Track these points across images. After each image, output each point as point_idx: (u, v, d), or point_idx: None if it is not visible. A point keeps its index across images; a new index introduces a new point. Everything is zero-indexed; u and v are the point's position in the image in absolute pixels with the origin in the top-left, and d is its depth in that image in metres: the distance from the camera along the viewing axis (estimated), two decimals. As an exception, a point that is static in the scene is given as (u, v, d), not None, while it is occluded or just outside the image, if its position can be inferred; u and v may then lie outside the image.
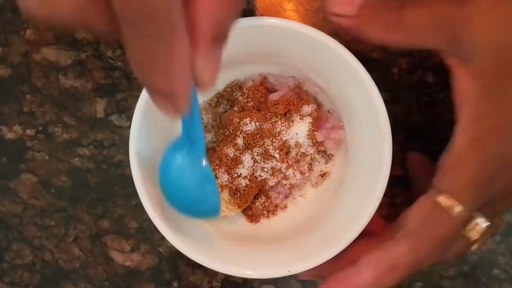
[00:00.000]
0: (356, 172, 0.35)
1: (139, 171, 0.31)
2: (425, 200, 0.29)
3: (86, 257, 0.40)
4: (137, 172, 0.31)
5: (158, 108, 0.20)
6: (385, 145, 0.31)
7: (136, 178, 0.31)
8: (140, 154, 0.31)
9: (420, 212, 0.29)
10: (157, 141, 0.33)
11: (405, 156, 0.39)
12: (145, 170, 0.32)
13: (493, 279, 0.40)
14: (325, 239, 0.33)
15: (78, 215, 0.40)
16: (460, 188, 0.28)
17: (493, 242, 0.40)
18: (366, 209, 0.31)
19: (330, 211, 0.35)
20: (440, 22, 0.28)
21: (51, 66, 0.40)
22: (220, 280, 0.40)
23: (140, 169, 0.31)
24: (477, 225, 0.29)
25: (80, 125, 0.40)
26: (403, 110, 0.39)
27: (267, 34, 0.32)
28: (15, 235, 0.41)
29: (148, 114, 0.31)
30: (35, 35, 0.40)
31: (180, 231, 0.32)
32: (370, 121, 0.32)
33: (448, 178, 0.28)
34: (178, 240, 0.31)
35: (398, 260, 0.28)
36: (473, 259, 0.40)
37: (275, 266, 0.32)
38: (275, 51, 0.34)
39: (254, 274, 0.31)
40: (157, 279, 0.40)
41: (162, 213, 0.31)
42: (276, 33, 0.31)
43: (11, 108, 0.41)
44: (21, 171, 0.41)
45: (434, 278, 0.40)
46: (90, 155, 0.40)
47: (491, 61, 0.27)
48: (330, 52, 0.31)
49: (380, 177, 0.31)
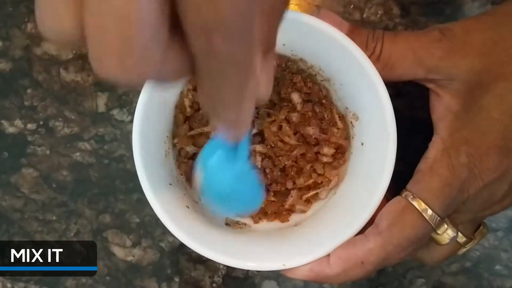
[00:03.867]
0: (358, 169, 0.35)
1: (143, 165, 0.31)
2: (398, 201, 0.30)
3: (87, 252, 0.40)
4: (141, 166, 0.31)
5: (220, 132, 0.21)
6: (390, 140, 0.31)
7: (140, 171, 0.31)
8: (143, 148, 0.31)
9: (392, 211, 0.30)
10: (159, 135, 0.33)
11: (407, 151, 0.38)
12: (150, 165, 0.31)
13: (495, 275, 0.40)
14: (324, 235, 0.33)
15: (79, 209, 0.40)
16: (431, 192, 0.29)
17: (495, 238, 0.40)
18: (366, 207, 0.31)
19: (331, 208, 0.35)
20: (418, 55, 0.30)
21: (52, 60, 0.40)
22: (221, 275, 0.40)
23: (144, 163, 0.31)
24: (447, 230, 0.31)
25: (81, 119, 0.40)
26: (406, 105, 0.39)
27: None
28: (16, 229, 0.40)
29: (149, 109, 0.31)
30: (36, 29, 0.40)
31: (177, 217, 0.32)
32: (376, 117, 0.32)
33: (421, 183, 0.30)
34: (168, 218, 0.31)
35: (367, 256, 0.30)
36: (476, 255, 0.40)
37: (271, 259, 0.32)
38: (280, 42, 0.33)
39: (251, 266, 0.31)
40: (158, 274, 0.40)
41: (163, 201, 0.31)
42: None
43: (12, 103, 0.40)
44: (22, 165, 0.40)
45: (436, 274, 0.40)
46: (91, 150, 0.40)
47: (466, 84, 0.30)
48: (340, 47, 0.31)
49: (383, 175, 0.31)
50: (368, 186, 0.32)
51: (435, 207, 0.29)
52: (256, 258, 0.32)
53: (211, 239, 0.33)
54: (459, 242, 0.32)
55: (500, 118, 0.29)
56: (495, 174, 0.29)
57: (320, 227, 0.34)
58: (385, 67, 0.31)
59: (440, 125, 0.31)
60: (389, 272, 0.40)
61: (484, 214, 0.32)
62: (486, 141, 0.29)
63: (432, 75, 0.31)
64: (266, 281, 0.40)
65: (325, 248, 0.31)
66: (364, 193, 0.32)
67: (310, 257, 0.31)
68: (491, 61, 0.30)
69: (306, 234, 0.34)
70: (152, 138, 0.32)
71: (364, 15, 0.39)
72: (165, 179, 0.34)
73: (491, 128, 0.29)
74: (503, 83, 0.29)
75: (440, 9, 0.40)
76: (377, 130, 0.32)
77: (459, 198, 0.30)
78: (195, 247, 0.31)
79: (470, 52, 0.30)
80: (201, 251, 0.31)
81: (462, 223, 0.32)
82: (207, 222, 0.35)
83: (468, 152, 0.29)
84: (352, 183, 0.35)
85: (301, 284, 0.40)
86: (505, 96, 0.29)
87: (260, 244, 0.34)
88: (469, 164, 0.29)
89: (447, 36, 0.30)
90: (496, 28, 0.30)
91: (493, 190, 0.30)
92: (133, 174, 0.31)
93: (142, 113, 0.31)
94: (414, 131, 0.39)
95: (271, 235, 0.35)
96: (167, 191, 0.33)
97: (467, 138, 0.30)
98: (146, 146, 0.31)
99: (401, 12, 0.40)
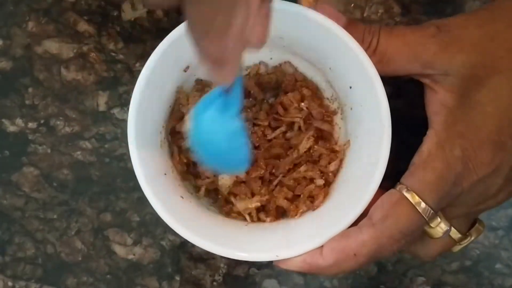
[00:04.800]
0: (352, 162, 0.35)
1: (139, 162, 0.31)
2: (392, 193, 0.30)
3: (88, 250, 0.40)
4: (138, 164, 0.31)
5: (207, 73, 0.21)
6: (384, 132, 0.31)
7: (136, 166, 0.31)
8: (139, 143, 0.31)
9: (385, 203, 0.30)
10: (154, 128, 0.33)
11: (407, 150, 0.39)
12: (147, 163, 0.32)
13: (495, 274, 0.40)
14: (318, 226, 0.33)
15: (80, 208, 0.40)
16: (425, 186, 0.30)
17: (495, 237, 0.40)
18: (360, 200, 0.31)
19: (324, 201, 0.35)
20: (414, 50, 0.30)
21: (53, 59, 0.40)
22: (222, 274, 0.40)
23: (141, 159, 0.31)
24: (440, 223, 0.31)
25: (82, 118, 0.40)
26: (406, 104, 0.39)
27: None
28: (17, 228, 0.41)
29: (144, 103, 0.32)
30: (36, 28, 0.40)
31: (171, 205, 0.32)
32: (370, 108, 0.32)
33: (415, 176, 0.30)
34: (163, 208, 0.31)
35: (359, 248, 0.30)
36: (476, 253, 0.40)
37: (264, 250, 0.32)
38: (274, 32, 0.34)
39: (244, 256, 0.31)
40: (159, 273, 0.40)
41: (157, 191, 0.32)
42: (277, 16, 0.31)
43: (12, 101, 0.40)
44: (23, 164, 0.40)
45: (436, 272, 0.40)
46: (92, 149, 0.40)
47: (461, 79, 0.30)
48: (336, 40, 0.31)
49: (377, 167, 0.31)
50: (362, 179, 0.32)
51: (429, 200, 0.29)
52: (249, 248, 0.32)
53: (204, 229, 0.33)
54: (453, 238, 0.32)
55: (495, 112, 0.29)
56: (489, 169, 0.30)
57: (314, 219, 0.34)
58: (381, 61, 0.31)
59: (435, 119, 0.31)
60: (389, 271, 0.40)
61: (479, 209, 0.32)
62: (481, 135, 0.30)
63: (428, 70, 0.31)
64: (267, 279, 0.40)
65: (318, 239, 0.31)
66: (358, 186, 0.32)
67: (303, 248, 0.31)
68: (486, 56, 0.30)
69: (299, 226, 0.34)
70: (147, 131, 0.32)
71: (365, 14, 0.39)
72: (160, 169, 0.34)
73: (485, 123, 0.30)
74: (498, 77, 0.30)
75: (441, 8, 0.40)
76: (372, 122, 0.32)
77: (453, 191, 0.30)
78: (185, 234, 0.31)
79: (465, 47, 0.30)
80: (193, 240, 0.31)
81: (456, 218, 0.32)
82: (200, 212, 0.35)
83: (463, 146, 0.29)
84: (346, 176, 0.35)
85: (301, 282, 0.40)
86: (500, 91, 0.30)
87: (254, 235, 0.34)
88: (463, 158, 0.29)
89: (443, 32, 0.30)
90: (492, 23, 0.30)
91: (488, 184, 0.30)
92: (134, 172, 0.32)
93: (139, 100, 0.31)
94: (414, 130, 0.39)
95: (265, 226, 0.35)
96: (161, 181, 0.33)
97: (461, 132, 0.30)
98: (141, 139, 0.32)
99: (401, 11, 0.40)
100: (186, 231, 0.31)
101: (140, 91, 0.31)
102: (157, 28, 0.40)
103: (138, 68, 0.40)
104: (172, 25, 0.40)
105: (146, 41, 0.40)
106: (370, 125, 0.32)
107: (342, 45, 0.31)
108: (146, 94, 0.31)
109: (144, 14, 0.40)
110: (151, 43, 0.40)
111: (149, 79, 0.31)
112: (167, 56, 0.32)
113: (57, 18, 0.40)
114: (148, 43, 0.40)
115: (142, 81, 0.31)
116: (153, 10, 0.40)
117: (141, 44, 0.40)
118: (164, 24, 0.40)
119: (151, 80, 0.31)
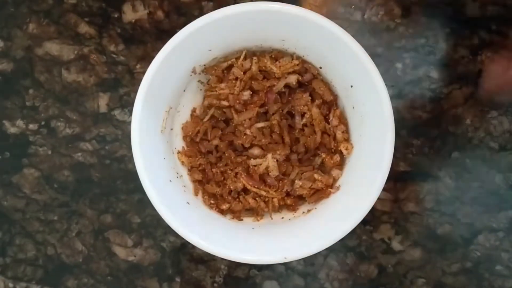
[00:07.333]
0: (357, 163, 0.35)
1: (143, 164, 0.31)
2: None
3: (88, 252, 0.40)
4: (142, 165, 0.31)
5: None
6: (387, 135, 0.31)
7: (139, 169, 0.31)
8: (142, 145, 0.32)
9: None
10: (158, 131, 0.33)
11: (408, 151, 0.39)
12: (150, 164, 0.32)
13: (496, 275, 0.40)
14: (325, 227, 0.33)
15: (81, 210, 0.40)
16: None
17: (496, 239, 0.40)
18: (365, 201, 0.31)
19: (332, 201, 0.35)
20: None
21: (54, 60, 0.40)
22: (222, 275, 0.40)
23: (144, 161, 0.31)
24: None
25: (83, 120, 0.40)
26: (407, 105, 0.39)
27: (270, 19, 0.32)
28: (18, 229, 0.41)
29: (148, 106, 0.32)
30: (37, 30, 0.40)
31: (177, 212, 0.32)
32: (374, 111, 0.32)
33: None
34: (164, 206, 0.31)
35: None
36: (476, 255, 0.40)
37: (272, 252, 0.32)
38: (275, 34, 0.34)
39: (252, 260, 0.32)
40: (159, 274, 0.40)
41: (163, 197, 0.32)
42: (278, 18, 0.32)
43: (13, 103, 0.40)
44: (24, 165, 0.41)
45: (437, 274, 0.40)
46: (92, 150, 0.40)
47: None
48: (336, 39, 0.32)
49: (381, 168, 0.31)
50: (367, 179, 0.32)
51: None
52: (257, 251, 0.32)
53: (211, 233, 0.33)
54: None
55: None
56: None
57: (321, 220, 0.34)
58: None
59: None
60: (389, 272, 0.40)
61: None
62: None
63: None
64: (267, 281, 0.40)
65: (326, 240, 0.31)
66: (364, 186, 0.32)
67: (311, 250, 0.31)
68: None
69: (307, 227, 0.34)
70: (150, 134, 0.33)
71: (365, 16, 0.39)
72: (165, 176, 0.34)
73: None
74: None
75: (441, 10, 0.40)
76: (376, 122, 0.32)
77: None
78: (192, 239, 0.31)
79: None
80: (201, 245, 0.31)
81: None
82: (206, 216, 0.35)
83: None
84: (351, 176, 0.35)
85: (302, 283, 0.40)
86: None
87: (261, 238, 0.34)
88: None
89: None
90: None
91: None
92: (134, 174, 0.32)
93: (140, 110, 0.31)
94: (415, 131, 0.39)
95: (272, 229, 0.36)
96: (167, 187, 0.34)
97: None
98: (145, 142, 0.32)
99: (402, 13, 0.40)
100: (198, 239, 0.31)
101: (144, 93, 0.31)
102: (157, 30, 0.40)
103: (138, 70, 0.40)
104: (173, 27, 0.40)
105: (147, 42, 0.40)
106: (373, 122, 0.33)
107: (342, 45, 0.31)
108: (145, 112, 0.32)
109: (144, 16, 0.40)
110: (152, 44, 0.40)
111: (152, 80, 0.31)
112: (170, 58, 0.32)
113: (58, 19, 0.40)
114: (148, 45, 0.40)
115: (144, 84, 0.31)
116: (153, 12, 0.40)
117: (141, 46, 0.40)
118: (165, 25, 0.40)
119: (154, 81, 0.32)
